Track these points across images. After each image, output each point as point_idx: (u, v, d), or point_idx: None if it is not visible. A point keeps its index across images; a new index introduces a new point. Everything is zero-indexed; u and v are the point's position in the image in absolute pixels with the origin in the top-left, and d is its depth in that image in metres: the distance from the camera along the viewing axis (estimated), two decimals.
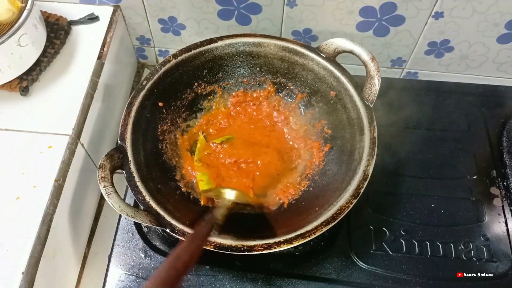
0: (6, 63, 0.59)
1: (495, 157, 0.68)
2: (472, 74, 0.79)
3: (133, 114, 0.59)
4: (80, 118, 0.62)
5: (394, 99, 0.75)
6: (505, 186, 0.65)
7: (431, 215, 0.63)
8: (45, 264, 0.53)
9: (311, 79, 0.66)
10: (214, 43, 0.65)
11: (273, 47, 0.66)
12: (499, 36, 0.70)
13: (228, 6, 0.71)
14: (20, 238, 0.52)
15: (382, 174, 0.65)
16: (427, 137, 0.70)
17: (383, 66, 0.80)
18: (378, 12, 0.68)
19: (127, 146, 0.56)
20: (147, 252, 0.60)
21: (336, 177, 0.59)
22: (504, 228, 0.62)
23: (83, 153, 0.63)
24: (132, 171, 0.55)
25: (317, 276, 0.58)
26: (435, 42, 0.73)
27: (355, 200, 0.52)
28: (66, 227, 0.60)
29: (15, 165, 0.58)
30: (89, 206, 0.69)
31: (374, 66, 0.59)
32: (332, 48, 0.63)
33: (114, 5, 0.75)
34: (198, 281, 0.57)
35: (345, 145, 0.61)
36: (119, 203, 0.51)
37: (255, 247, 0.49)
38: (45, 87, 0.65)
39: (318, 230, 0.50)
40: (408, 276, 0.58)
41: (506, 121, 0.71)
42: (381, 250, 0.60)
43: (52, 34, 0.68)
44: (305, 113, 0.69)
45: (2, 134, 0.60)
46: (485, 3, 0.65)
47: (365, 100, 0.60)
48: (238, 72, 0.69)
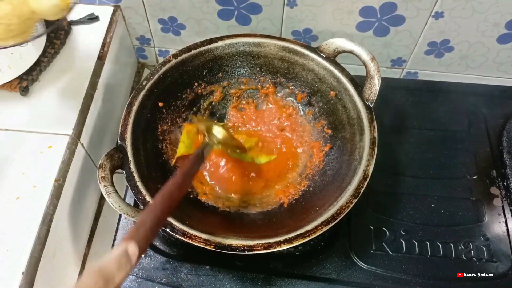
0: (6, 63, 0.59)
1: (495, 157, 0.68)
2: (472, 74, 0.79)
3: (133, 114, 0.59)
4: (80, 118, 0.62)
5: (394, 99, 0.75)
6: (505, 186, 0.65)
7: (431, 215, 0.63)
8: (45, 264, 0.53)
9: (311, 79, 0.66)
10: (214, 43, 0.65)
11: (273, 47, 0.66)
12: (499, 36, 0.70)
13: (228, 6, 0.71)
14: (20, 238, 0.52)
15: (382, 174, 0.65)
16: (427, 137, 0.70)
17: (383, 66, 0.80)
18: (378, 12, 0.68)
19: (127, 146, 0.56)
20: (147, 252, 0.60)
21: (336, 177, 0.59)
22: (504, 228, 0.62)
23: (83, 153, 0.63)
24: (132, 171, 0.55)
25: (317, 276, 0.58)
26: (435, 42, 0.73)
27: (355, 200, 0.52)
28: (66, 227, 0.60)
29: (15, 165, 0.58)
30: (89, 206, 0.69)
31: (374, 66, 0.59)
32: (332, 48, 0.63)
33: (114, 5, 0.75)
34: (198, 281, 0.57)
35: (345, 145, 0.61)
36: (119, 203, 0.51)
37: (255, 247, 0.49)
38: (45, 87, 0.65)
39: (318, 230, 0.50)
40: (408, 276, 0.58)
41: (506, 121, 0.71)
42: (381, 250, 0.60)
43: (52, 34, 0.68)
44: (305, 113, 0.69)
45: (2, 134, 0.60)
46: (485, 3, 0.65)
47: (365, 100, 0.60)
48: (238, 72, 0.69)
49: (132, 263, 0.35)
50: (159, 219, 0.41)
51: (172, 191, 0.45)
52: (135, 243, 0.36)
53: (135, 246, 0.36)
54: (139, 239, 0.37)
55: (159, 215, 0.41)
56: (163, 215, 0.42)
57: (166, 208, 0.43)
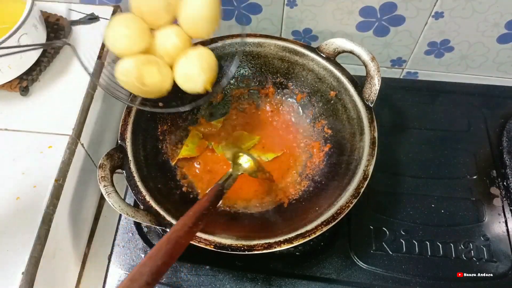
0: (6, 63, 0.59)
1: (495, 157, 0.68)
2: (472, 74, 0.79)
3: (133, 114, 0.59)
4: (80, 118, 0.62)
5: (394, 99, 0.75)
6: (505, 186, 0.65)
7: (431, 215, 0.63)
8: (45, 264, 0.53)
9: (311, 79, 0.66)
10: (214, 43, 0.65)
11: (273, 47, 0.66)
12: (499, 36, 0.70)
13: (228, 6, 0.71)
14: (20, 238, 0.52)
15: (382, 174, 0.65)
16: (427, 137, 0.70)
17: (383, 66, 0.80)
18: (378, 12, 0.68)
19: (127, 146, 0.56)
20: (147, 252, 0.60)
21: (336, 177, 0.59)
22: (504, 228, 0.62)
23: (83, 153, 0.63)
24: (132, 170, 0.55)
25: (317, 276, 0.58)
26: (435, 42, 0.73)
27: (355, 200, 0.52)
28: (66, 227, 0.60)
29: (15, 165, 0.58)
30: (89, 206, 0.69)
31: (374, 66, 0.59)
32: (332, 48, 0.63)
33: (114, 5, 0.75)
34: (198, 281, 0.57)
35: (345, 145, 0.61)
36: (119, 203, 0.51)
37: (255, 247, 0.49)
38: (45, 87, 0.65)
39: (318, 230, 0.50)
40: (408, 276, 0.58)
41: (506, 121, 0.71)
42: (381, 250, 0.60)
43: (52, 34, 0.68)
44: (305, 113, 0.69)
45: (2, 134, 0.60)
46: (485, 3, 0.65)
47: (365, 100, 0.60)
48: (238, 72, 0.69)
49: None
50: (159, 270, 0.35)
51: (180, 235, 0.38)
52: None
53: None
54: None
55: (159, 264, 0.35)
56: (164, 265, 0.36)
57: (170, 255, 0.37)
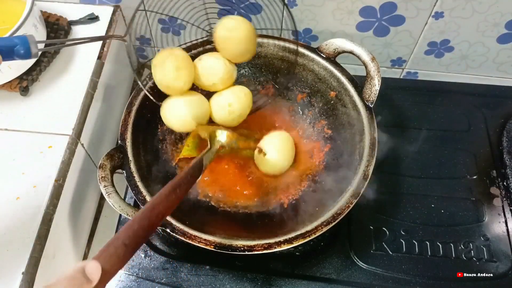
0: (6, 63, 0.59)
1: (495, 157, 0.68)
2: (472, 74, 0.79)
3: (133, 114, 0.59)
4: (80, 118, 0.62)
5: (394, 99, 0.75)
6: (505, 186, 0.65)
7: (431, 215, 0.63)
8: (45, 264, 0.53)
9: (311, 80, 0.66)
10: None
11: (273, 47, 0.66)
12: (499, 36, 0.70)
13: (228, 6, 0.71)
14: (20, 238, 0.52)
15: (382, 174, 0.65)
16: (427, 137, 0.70)
17: (383, 66, 0.80)
18: (378, 12, 0.68)
19: (127, 146, 0.56)
20: (147, 252, 0.60)
21: (336, 177, 0.59)
22: (504, 228, 0.62)
23: (83, 153, 0.63)
24: (132, 171, 0.55)
25: (317, 276, 0.58)
26: (435, 42, 0.73)
27: (355, 200, 0.52)
28: (66, 227, 0.60)
29: (15, 165, 0.58)
30: (89, 206, 0.69)
31: (374, 67, 0.59)
32: (332, 49, 0.63)
33: (114, 5, 0.75)
34: (198, 281, 0.57)
35: (345, 145, 0.61)
36: (119, 203, 0.51)
37: (255, 247, 0.49)
38: (45, 87, 0.65)
39: (318, 230, 0.50)
40: (408, 276, 0.58)
41: (506, 121, 0.71)
42: (381, 250, 0.60)
43: (52, 34, 0.68)
44: (305, 113, 0.69)
45: (2, 134, 0.60)
46: (485, 3, 0.65)
47: (365, 100, 0.60)
48: (238, 72, 0.69)
49: (93, 284, 0.32)
50: (135, 233, 0.37)
51: (154, 203, 0.41)
52: (96, 262, 0.32)
53: (96, 265, 0.32)
54: (105, 257, 0.34)
55: (136, 228, 0.37)
56: (142, 230, 0.38)
57: (147, 221, 0.39)
